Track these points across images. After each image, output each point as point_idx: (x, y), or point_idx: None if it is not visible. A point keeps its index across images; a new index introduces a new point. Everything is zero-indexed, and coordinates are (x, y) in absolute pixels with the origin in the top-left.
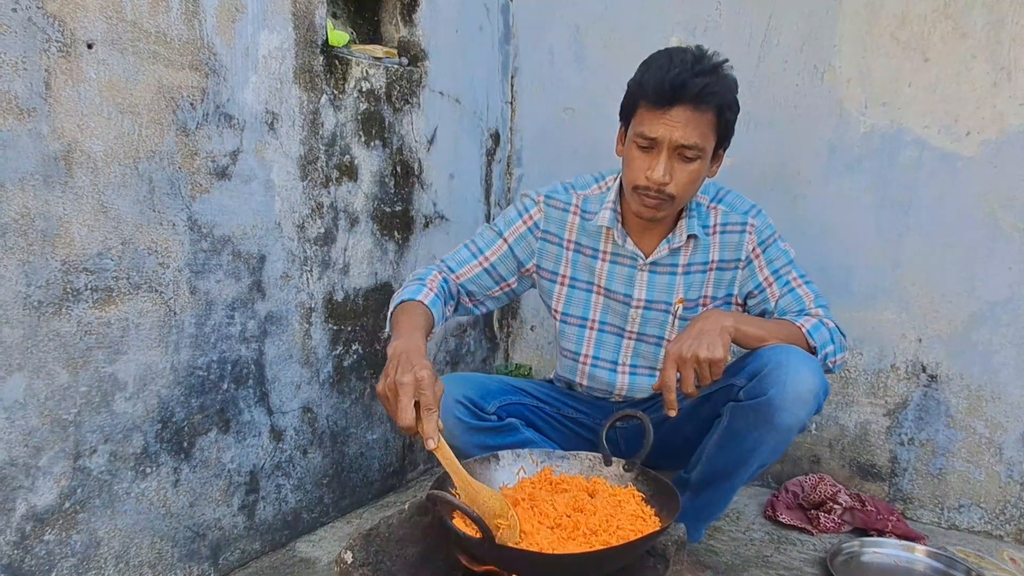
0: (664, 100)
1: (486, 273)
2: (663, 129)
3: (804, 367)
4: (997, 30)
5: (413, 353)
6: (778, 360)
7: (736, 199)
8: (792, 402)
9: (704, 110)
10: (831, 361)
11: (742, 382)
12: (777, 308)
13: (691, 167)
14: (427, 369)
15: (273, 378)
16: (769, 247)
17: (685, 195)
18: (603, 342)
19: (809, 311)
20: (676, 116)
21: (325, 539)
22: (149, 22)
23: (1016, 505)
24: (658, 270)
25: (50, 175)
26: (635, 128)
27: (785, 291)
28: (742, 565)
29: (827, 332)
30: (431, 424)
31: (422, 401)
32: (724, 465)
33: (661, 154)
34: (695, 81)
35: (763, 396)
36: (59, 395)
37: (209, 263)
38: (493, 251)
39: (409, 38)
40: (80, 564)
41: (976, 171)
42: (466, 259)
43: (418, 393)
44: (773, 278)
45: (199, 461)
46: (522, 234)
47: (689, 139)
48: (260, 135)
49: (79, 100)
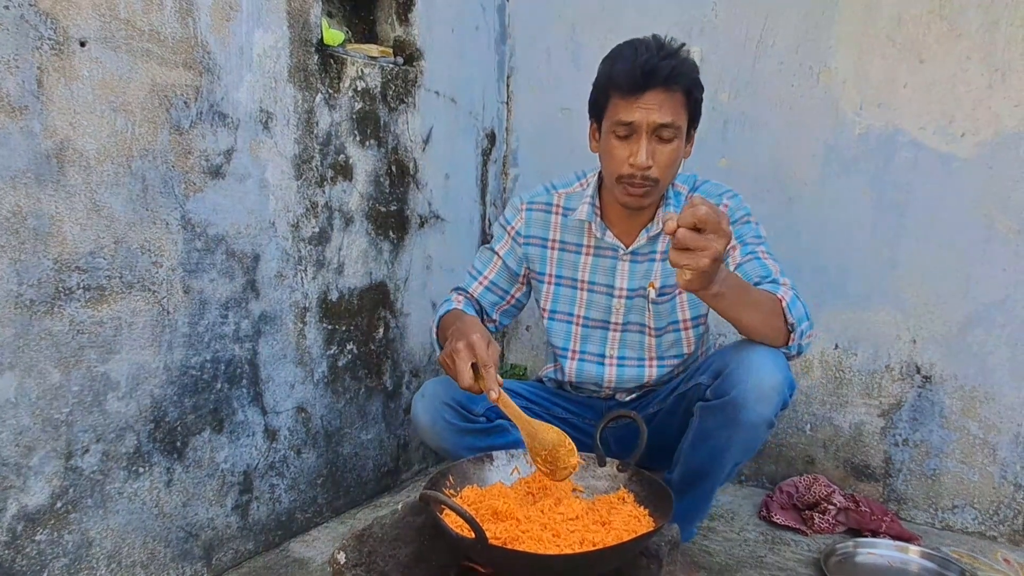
0: (636, 87)
1: (488, 291)
2: (639, 113)
3: (767, 363)
4: (992, 32)
5: (468, 323)
6: (739, 358)
7: (713, 187)
8: (756, 400)
9: (674, 90)
10: (805, 338)
11: (708, 380)
12: (739, 269)
13: (670, 147)
14: (478, 333)
15: (267, 378)
16: (741, 225)
17: (667, 177)
18: (589, 336)
19: (778, 279)
20: (650, 99)
21: (319, 539)
22: (143, 20)
23: (1010, 506)
24: (638, 259)
25: (42, 173)
26: (610, 119)
27: (750, 258)
28: (736, 565)
29: (802, 308)
30: (491, 379)
31: (478, 359)
32: (700, 465)
33: (640, 139)
34: (663, 64)
35: (727, 396)
36: (51, 394)
37: (203, 262)
38: (491, 269)
39: (405, 37)
40: (72, 564)
41: (971, 172)
42: (470, 282)
43: (473, 355)
44: (739, 245)
45: (192, 461)
46: (510, 247)
47: (666, 118)
48: (254, 134)
49: (72, 98)
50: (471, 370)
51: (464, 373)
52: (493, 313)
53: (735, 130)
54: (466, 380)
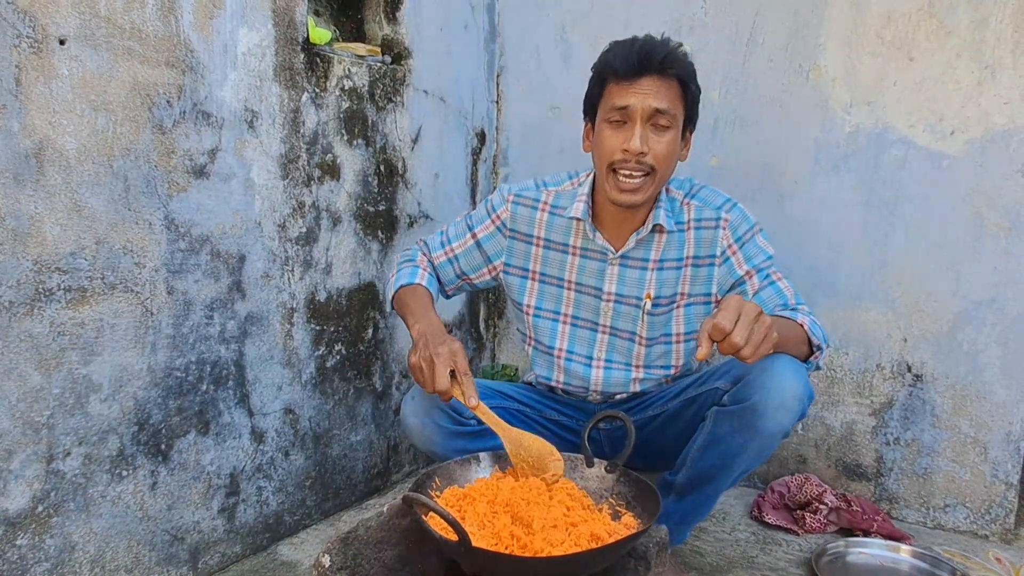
0: (632, 71)
1: (449, 264)
2: (635, 98)
3: (789, 372)
4: (982, 29)
5: (437, 330)
6: (763, 365)
7: (711, 194)
8: (776, 408)
9: (670, 77)
10: (824, 359)
11: (727, 386)
12: (756, 298)
13: (666, 137)
14: (456, 342)
15: (254, 379)
16: (747, 243)
17: (663, 168)
18: (577, 336)
19: (795, 307)
20: (646, 84)
21: (307, 542)
22: (124, 18)
23: (1001, 505)
24: (629, 264)
25: (21, 173)
26: (605, 105)
27: (766, 283)
28: (727, 566)
29: (820, 331)
30: (470, 386)
31: (458, 368)
32: (708, 469)
33: (635, 125)
34: (659, 50)
35: (747, 401)
36: (31, 397)
37: (187, 263)
38: (460, 244)
39: (393, 36)
40: (54, 569)
41: (961, 170)
42: (437, 246)
43: (452, 362)
44: (754, 271)
45: (177, 464)
46: (491, 232)
47: (662, 103)
48: (239, 133)
49: (51, 96)
50: (449, 376)
51: (443, 378)
52: (448, 287)
53: (725, 128)
54: (443, 384)
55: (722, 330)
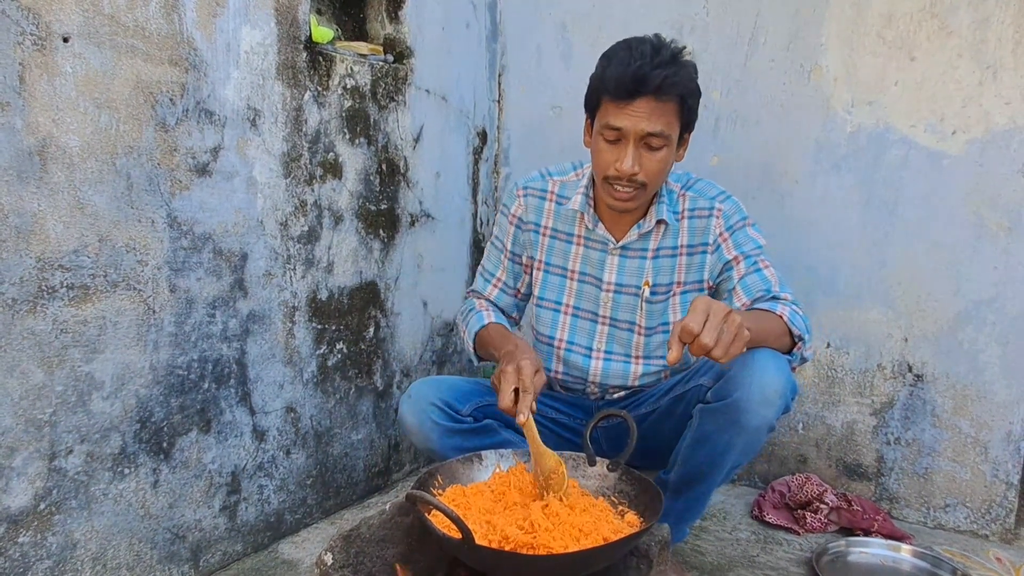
0: (626, 93)
1: (503, 293)
2: (628, 120)
3: (770, 367)
4: (983, 29)
5: (513, 349)
6: (743, 360)
7: (707, 186)
8: (759, 403)
9: (666, 100)
10: (807, 349)
11: (709, 382)
12: (741, 283)
13: (658, 155)
14: (528, 360)
15: (255, 377)
16: (737, 232)
17: (655, 182)
18: (577, 327)
19: (778, 295)
20: (639, 107)
21: (309, 540)
22: (127, 16)
23: (1002, 504)
24: (629, 254)
25: (24, 170)
26: (600, 121)
27: (752, 270)
28: (728, 565)
29: (802, 321)
30: (524, 403)
31: (521, 386)
32: (698, 467)
33: (628, 145)
34: (655, 73)
35: (729, 398)
36: (34, 394)
37: (189, 261)
38: (501, 270)
39: (395, 35)
40: (56, 566)
41: (962, 170)
42: (484, 285)
43: (518, 380)
44: (741, 257)
45: (179, 462)
46: (514, 235)
47: (655, 127)
48: (242, 132)
49: (54, 94)
50: (513, 393)
51: (505, 395)
52: (514, 312)
53: (726, 128)
54: (505, 401)
55: (691, 332)
